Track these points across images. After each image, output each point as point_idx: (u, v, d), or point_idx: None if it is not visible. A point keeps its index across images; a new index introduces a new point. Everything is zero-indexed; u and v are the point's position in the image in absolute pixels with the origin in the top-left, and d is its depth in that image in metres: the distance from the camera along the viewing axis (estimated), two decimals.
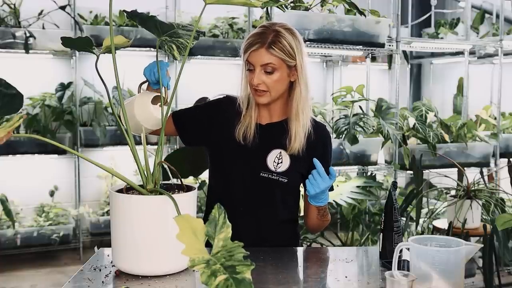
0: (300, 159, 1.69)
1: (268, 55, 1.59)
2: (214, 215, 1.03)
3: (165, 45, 1.50)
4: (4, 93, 1.26)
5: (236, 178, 1.72)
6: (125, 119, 1.46)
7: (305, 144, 1.68)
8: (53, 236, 4.33)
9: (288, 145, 1.68)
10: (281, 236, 1.77)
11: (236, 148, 1.71)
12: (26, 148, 4.22)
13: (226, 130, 1.73)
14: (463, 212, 2.83)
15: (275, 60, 1.60)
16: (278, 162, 1.69)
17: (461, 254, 1.26)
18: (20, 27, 4.23)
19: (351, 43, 3.12)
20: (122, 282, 1.34)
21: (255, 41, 1.60)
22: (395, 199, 1.54)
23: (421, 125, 3.48)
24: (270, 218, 1.73)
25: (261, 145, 1.70)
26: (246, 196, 1.71)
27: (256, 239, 1.67)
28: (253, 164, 1.70)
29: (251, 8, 3.72)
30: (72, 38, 1.48)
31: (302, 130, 1.67)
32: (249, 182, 1.70)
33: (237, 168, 1.72)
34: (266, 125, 1.73)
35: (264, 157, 1.69)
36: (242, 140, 1.69)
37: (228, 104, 1.76)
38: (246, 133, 1.69)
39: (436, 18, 5.11)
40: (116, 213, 1.38)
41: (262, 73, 1.61)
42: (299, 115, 1.66)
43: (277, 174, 1.69)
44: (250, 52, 1.60)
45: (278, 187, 1.69)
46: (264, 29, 1.62)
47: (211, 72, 4.97)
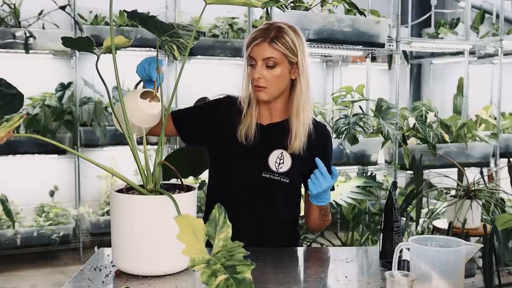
0: (301, 159, 1.70)
1: (270, 49, 1.61)
2: (214, 215, 1.03)
3: (165, 45, 1.50)
4: (4, 93, 1.26)
5: (237, 178, 1.72)
6: (118, 121, 1.45)
7: (306, 143, 1.68)
8: (53, 236, 4.33)
9: (289, 144, 1.68)
10: (282, 236, 1.77)
11: (237, 148, 1.71)
12: (26, 148, 4.22)
13: (227, 130, 1.73)
14: (463, 212, 2.83)
15: (277, 55, 1.61)
16: (279, 163, 1.69)
17: (461, 254, 1.26)
18: (20, 27, 4.23)
19: (351, 43, 3.12)
20: (122, 282, 1.34)
21: (258, 36, 1.62)
22: (395, 199, 1.54)
23: (421, 125, 3.48)
24: (271, 218, 1.73)
25: (262, 145, 1.70)
26: (248, 196, 1.71)
27: (257, 239, 1.67)
28: (255, 164, 1.70)
29: (251, 8, 3.72)
30: (72, 38, 1.48)
31: (303, 128, 1.67)
32: (250, 182, 1.70)
33: (238, 168, 1.72)
34: (267, 125, 1.73)
35: (265, 157, 1.70)
36: (244, 140, 1.69)
37: (228, 104, 1.76)
38: (247, 133, 1.69)
39: (436, 18, 5.11)
40: (116, 213, 1.38)
41: (264, 67, 1.62)
42: (300, 113, 1.66)
43: (279, 174, 1.69)
44: (253, 46, 1.62)
45: (280, 187, 1.69)
46: (268, 26, 1.65)
47: (211, 72, 4.97)
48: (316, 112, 3.48)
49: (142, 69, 1.61)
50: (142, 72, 1.62)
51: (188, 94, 4.58)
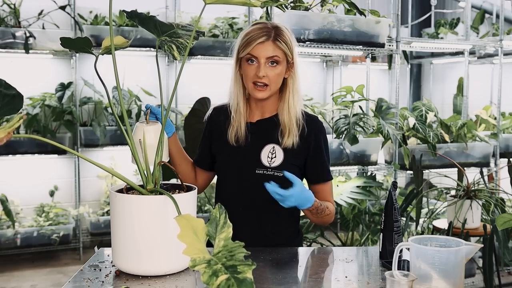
0: (294, 152, 1.72)
1: (274, 48, 1.64)
2: (214, 215, 1.03)
3: (165, 45, 1.50)
4: (4, 93, 1.26)
5: (232, 179, 1.75)
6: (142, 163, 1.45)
7: (299, 136, 1.71)
8: (53, 236, 4.33)
9: (281, 139, 1.71)
10: (284, 233, 1.78)
11: (230, 150, 1.74)
12: (26, 148, 4.22)
13: (220, 137, 1.77)
14: (463, 212, 2.82)
15: (279, 53, 1.65)
16: (271, 157, 1.71)
17: (461, 254, 1.26)
18: (20, 27, 4.23)
19: (351, 43, 3.12)
20: (122, 282, 1.34)
21: (260, 34, 1.63)
22: (395, 199, 1.54)
23: (421, 125, 3.48)
24: (271, 215, 1.74)
25: (253, 142, 1.73)
26: (245, 195, 1.73)
27: (259, 237, 1.68)
28: (248, 162, 1.72)
29: (251, 8, 3.71)
30: (70, 38, 1.48)
31: (295, 122, 1.71)
32: (246, 180, 1.73)
33: (233, 168, 1.75)
34: (256, 121, 1.76)
35: (258, 153, 1.72)
36: (234, 142, 1.73)
37: (218, 115, 1.81)
38: (237, 134, 1.73)
39: (436, 18, 5.11)
40: (116, 213, 1.38)
41: (267, 66, 1.64)
42: (291, 108, 1.70)
43: (272, 169, 1.70)
44: (256, 44, 1.63)
45: (275, 182, 1.70)
46: (265, 25, 1.67)
47: (211, 72, 4.97)
48: (316, 112, 3.48)
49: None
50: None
51: (188, 94, 4.59)
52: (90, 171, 4.65)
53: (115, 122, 4.54)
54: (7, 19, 4.25)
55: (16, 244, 4.24)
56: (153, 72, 1.63)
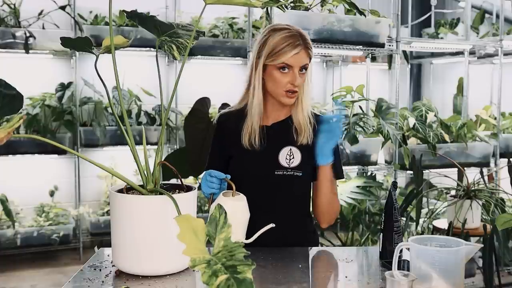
0: (310, 150, 1.74)
1: (306, 56, 1.67)
2: (214, 215, 1.03)
3: (164, 45, 1.50)
4: (4, 93, 1.26)
5: (250, 182, 1.72)
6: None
7: (312, 133, 1.74)
8: (53, 236, 4.33)
9: (296, 137, 1.74)
10: (302, 232, 1.80)
11: (247, 155, 1.74)
12: (26, 148, 4.22)
13: (235, 142, 1.76)
14: (463, 212, 2.82)
15: (309, 60, 1.69)
16: (290, 158, 1.73)
17: (461, 254, 1.26)
18: (20, 27, 4.23)
19: (351, 43, 3.12)
20: (122, 282, 1.34)
21: (296, 43, 1.65)
22: (395, 199, 1.54)
23: (421, 125, 3.48)
24: (290, 215, 1.76)
25: (270, 145, 1.74)
26: (264, 197, 1.73)
27: (279, 238, 1.67)
28: (266, 165, 1.73)
29: (251, 8, 3.71)
30: (71, 38, 1.48)
31: (307, 120, 1.74)
32: (265, 182, 1.73)
33: (251, 172, 1.75)
34: (272, 125, 1.77)
35: (275, 156, 1.73)
36: (250, 146, 1.73)
37: (225, 121, 1.81)
38: (251, 138, 1.73)
39: (436, 18, 5.11)
40: (116, 213, 1.38)
41: (298, 73, 1.67)
42: (304, 108, 1.74)
43: (292, 169, 1.72)
44: (293, 54, 1.64)
45: (295, 181, 1.73)
46: (292, 32, 1.68)
47: (211, 72, 4.97)
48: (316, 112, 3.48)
49: (205, 185, 1.61)
50: (207, 187, 1.61)
51: (188, 94, 4.59)
52: (90, 171, 4.65)
53: (115, 122, 4.55)
54: (7, 19, 4.25)
55: (16, 244, 4.24)
56: (153, 72, 1.63)
